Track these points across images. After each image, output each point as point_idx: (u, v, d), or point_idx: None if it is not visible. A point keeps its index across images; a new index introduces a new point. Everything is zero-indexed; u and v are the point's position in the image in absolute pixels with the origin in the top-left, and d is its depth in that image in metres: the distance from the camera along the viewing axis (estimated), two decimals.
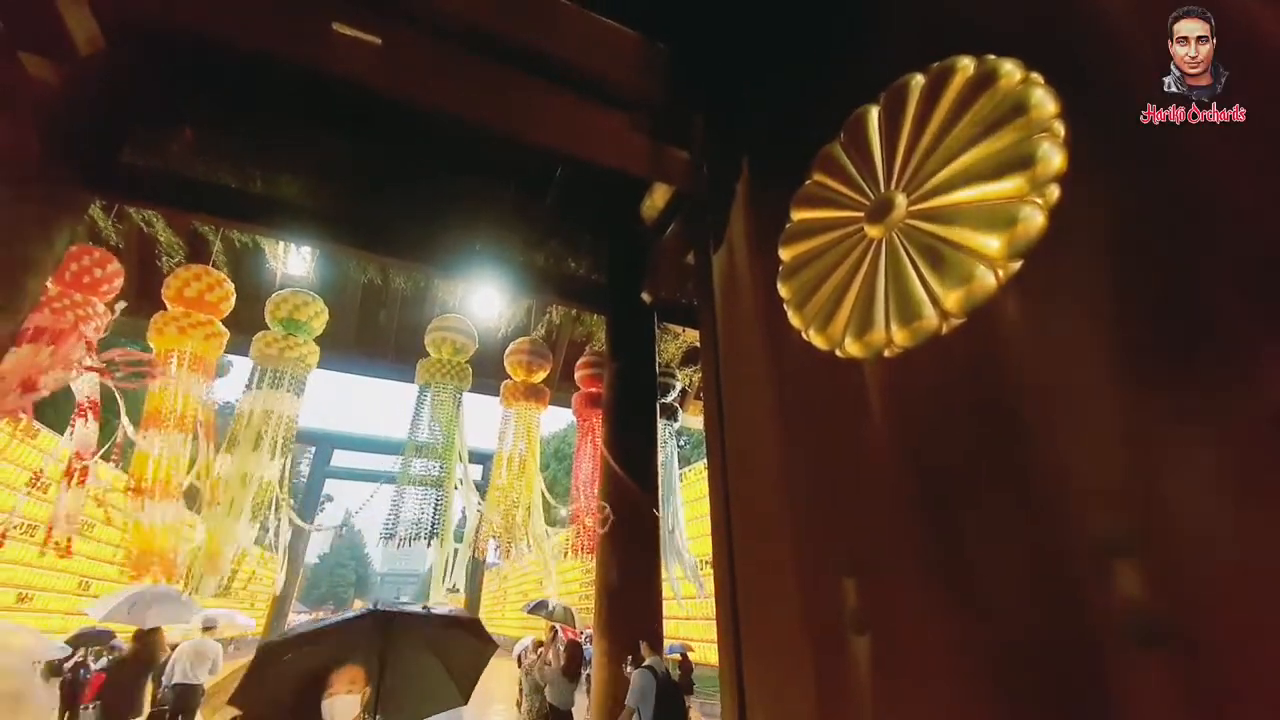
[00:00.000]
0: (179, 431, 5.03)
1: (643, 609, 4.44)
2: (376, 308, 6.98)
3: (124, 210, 5.44)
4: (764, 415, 2.12)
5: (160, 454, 4.85)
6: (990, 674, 1.26)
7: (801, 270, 2.10)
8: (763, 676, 1.81)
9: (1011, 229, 1.41)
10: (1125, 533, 1.11)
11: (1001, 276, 1.42)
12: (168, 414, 4.97)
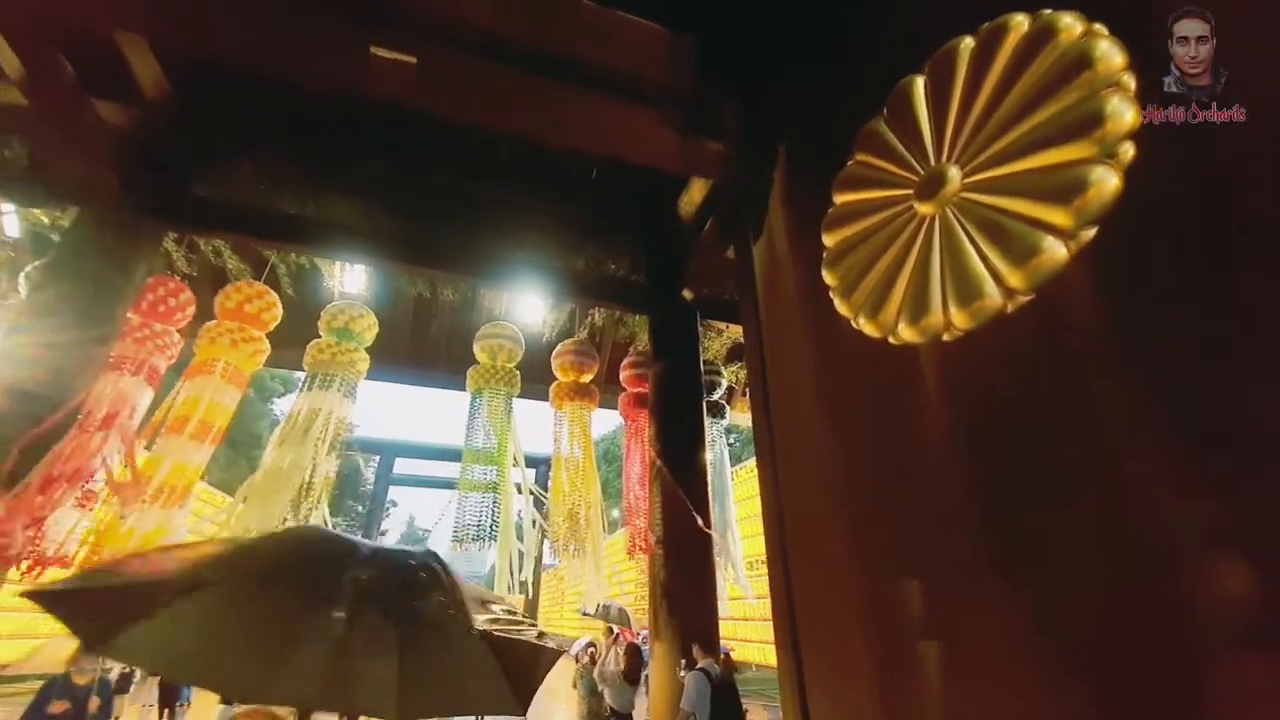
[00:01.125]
0: (198, 440, 5.16)
1: (697, 610, 4.39)
2: (428, 319, 7.22)
3: (194, 240, 5.82)
4: (813, 409, 2.04)
5: (176, 459, 4.98)
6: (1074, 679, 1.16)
7: (847, 255, 2.01)
8: (824, 678, 1.73)
9: (1082, 195, 1.29)
10: (1223, 525, 0.99)
11: (1073, 247, 1.30)
12: (191, 420, 5.11)
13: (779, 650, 1.92)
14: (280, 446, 5.25)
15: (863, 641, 1.64)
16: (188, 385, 5.26)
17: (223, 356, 5.39)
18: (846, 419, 1.94)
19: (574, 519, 5.68)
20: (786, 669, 1.85)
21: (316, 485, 5.24)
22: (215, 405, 5.32)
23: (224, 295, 5.55)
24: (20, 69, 3.97)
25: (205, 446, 5.26)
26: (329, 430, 5.44)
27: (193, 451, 5.14)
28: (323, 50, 3.17)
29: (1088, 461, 1.20)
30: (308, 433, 5.32)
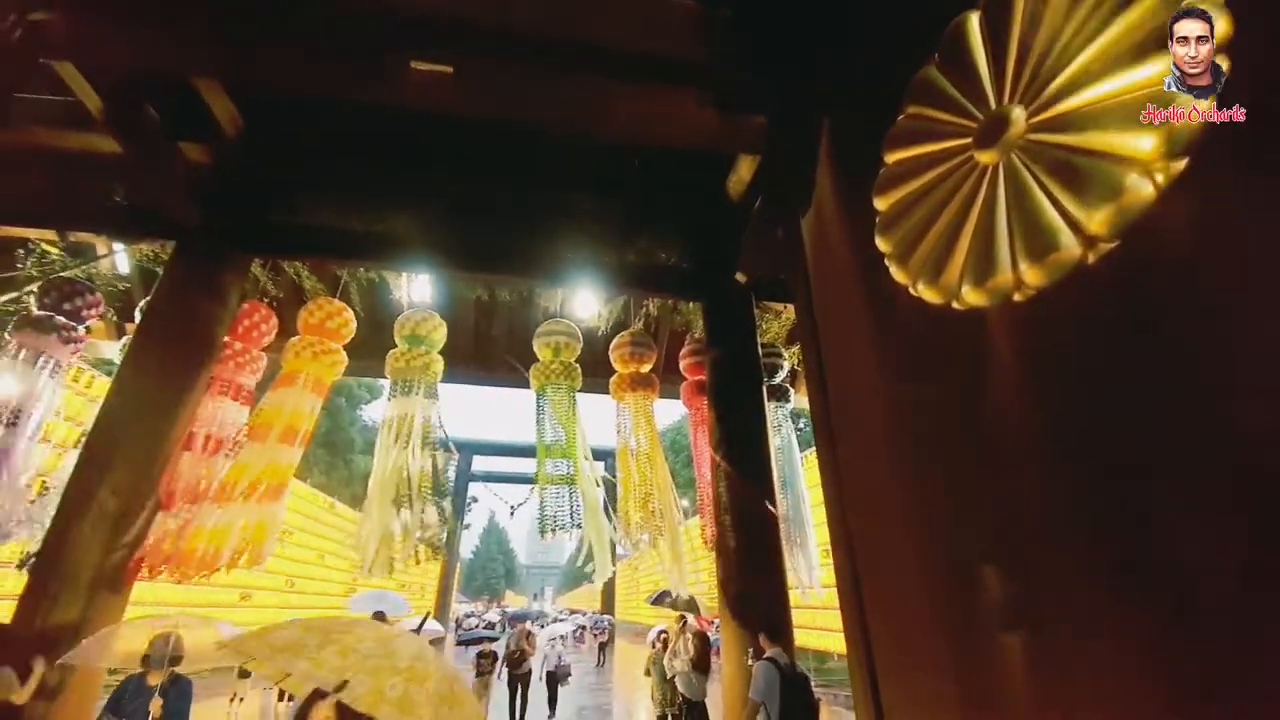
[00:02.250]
0: (286, 443, 5.60)
1: (766, 598, 4.29)
2: (488, 321, 7.48)
3: (278, 263, 6.30)
4: (872, 386, 1.91)
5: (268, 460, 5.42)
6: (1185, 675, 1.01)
7: (902, 219, 1.86)
8: (897, 667, 1.63)
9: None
10: None
11: (1161, 181, 1.13)
12: (277, 426, 5.55)
13: (848, 640, 1.83)
14: (383, 453, 5.64)
15: (937, 630, 1.52)
16: (274, 395, 5.75)
17: (306, 369, 5.84)
18: (909, 394, 1.81)
19: (644, 509, 5.71)
20: (856, 659, 1.75)
21: (420, 483, 5.60)
22: (298, 412, 5.78)
23: (306, 312, 6.00)
24: (113, 119, 4.42)
25: (294, 448, 5.75)
26: (421, 431, 5.79)
27: (282, 453, 5.63)
28: (367, 70, 3.31)
29: (1201, 431, 1.04)
30: (401, 437, 5.69)
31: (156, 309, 5.02)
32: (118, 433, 4.41)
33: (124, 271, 6.13)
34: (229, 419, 5.49)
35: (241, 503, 5.14)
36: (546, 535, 5.65)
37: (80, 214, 5.31)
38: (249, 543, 5.19)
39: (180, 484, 5.00)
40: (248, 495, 5.18)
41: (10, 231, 5.30)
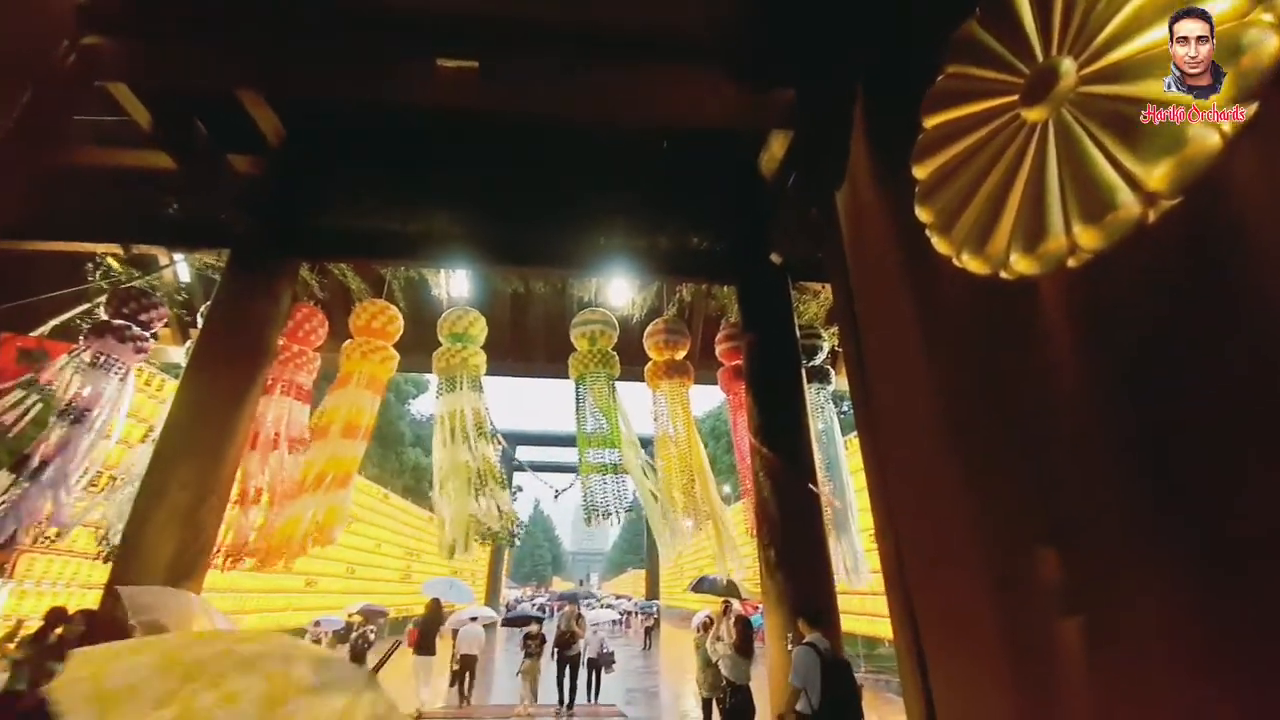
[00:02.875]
0: (349, 438, 5.97)
1: (809, 584, 4.23)
2: (524, 315, 7.58)
3: (324, 267, 6.55)
4: (914, 364, 1.83)
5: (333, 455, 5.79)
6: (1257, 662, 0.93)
7: (943, 186, 1.77)
8: (946, 653, 1.57)
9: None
10: None
11: (1228, 130, 1.03)
12: (350, 426, 5.94)
13: (895, 625, 1.78)
14: (443, 449, 5.87)
15: (989, 614, 1.46)
16: (333, 395, 6.08)
17: (360, 368, 6.13)
18: (955, 371, 1.73)
19: (685, 495, 5.72)
20: (904, 644, 1.71)
21: (485, 471, 5.80)
22: (356, 408, 6.10)
23: (356, 314, 6.26)
24: (165, 135, 4.66)
25: (356, 442, 6.07)
26: (474, 424, 5.99)
27: (345, 447, 5.95)
28: (394, 71, 3.37)
29: (1271, 398, 0.95)
30: (456, 431, 5.90)
31: (215, 314, 5.30)
32: (186, 431, 4.70)
33: (185, 280, 6.49)
34: (293, 417, 5.83)
35: (311, 494, 5.50)
36: (591, 522, 5.74)
37: (141, 227, 5.64)
38: (320, 527, 5.58)
39: (260, 480, 5.37)
40: (315, 487, 5.53)
41: (78, 247, 5.67)
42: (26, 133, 2.77)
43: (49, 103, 2.90)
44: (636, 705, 8.69)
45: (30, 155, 2.89)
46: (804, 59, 2.71)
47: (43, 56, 2.74)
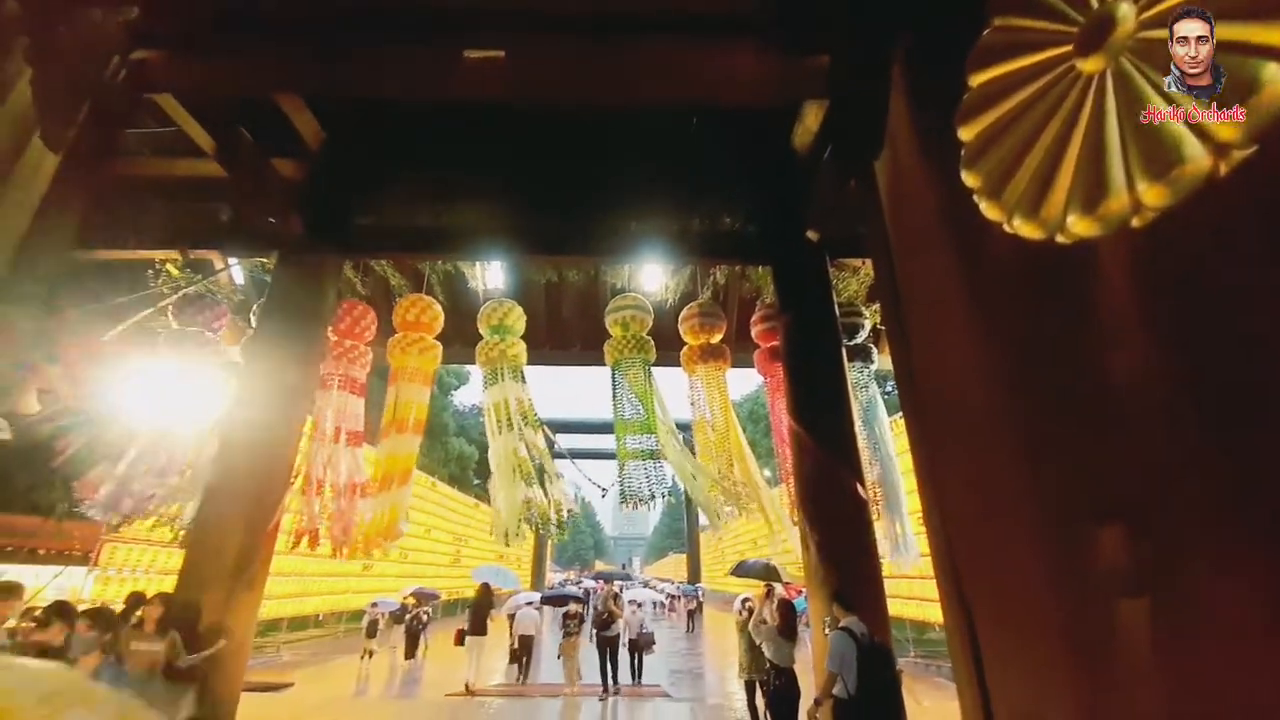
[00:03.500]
0: (413, 433, 6.22)
1: (851, 567, 4.15)
2: (559, 304, 7.64)
3: (366, 264, 6.76)
4: (962, 339, 1.75)
5: (395, 453, 6.07)
6: None
7: (992, 147, 1.67)
8: (1000, 636, 1.51)
9: None
10: None
11: None
12: (401, 421, 6.18)
13: (945, 608, 1.73)
14: (495, 440, 6.05)
15: (1047, 598, 1.40)
16: (391, 391, 6.32)
17: (407, 363, 6.34)
18: (1007, 345, 1.65)
19: (724, 480, 5.69)
20: (955, 628, 1.65)
21: (538, 460, 5.96)
22: (408, 403, 6.34)
23: (399, 309, 6.45)
24: (213, 144, 4.86)
25: (411, 436, 6.32)
26: (520, 413, 6.14)
27: (401, 443, 6.20)
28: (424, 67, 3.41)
29: None
30: (504, 421, 6.06)
31: (268, 313, 5.55)
32: (247, 424, 4.95)
33: (240, 282, 6.81)
34: (350, 410, 6.09)
35: (386, 491, 5.80)
36: (629, 508, 5.80)
37: (197, 234, 5.93)
38: (387, 523, 5.90)
39: (321, 470, 5.65)
40: (386, 485, 5.83)
41: (140, 255, 6.01)
42: (86, 147, 2.92)
43: (104, 117, 3.05)
44: (680, 686, 8.78)
45: (91, 168, 3.05)
46: (838, 22, 2.60)
47: (96, 73, 2.89)
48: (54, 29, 2.84)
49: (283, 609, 11.30)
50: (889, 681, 3.08)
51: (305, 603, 12.27)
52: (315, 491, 5.62)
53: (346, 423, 6.04)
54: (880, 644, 3.25)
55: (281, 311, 5.50)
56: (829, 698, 3.13)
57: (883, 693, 3.01)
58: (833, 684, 3.10)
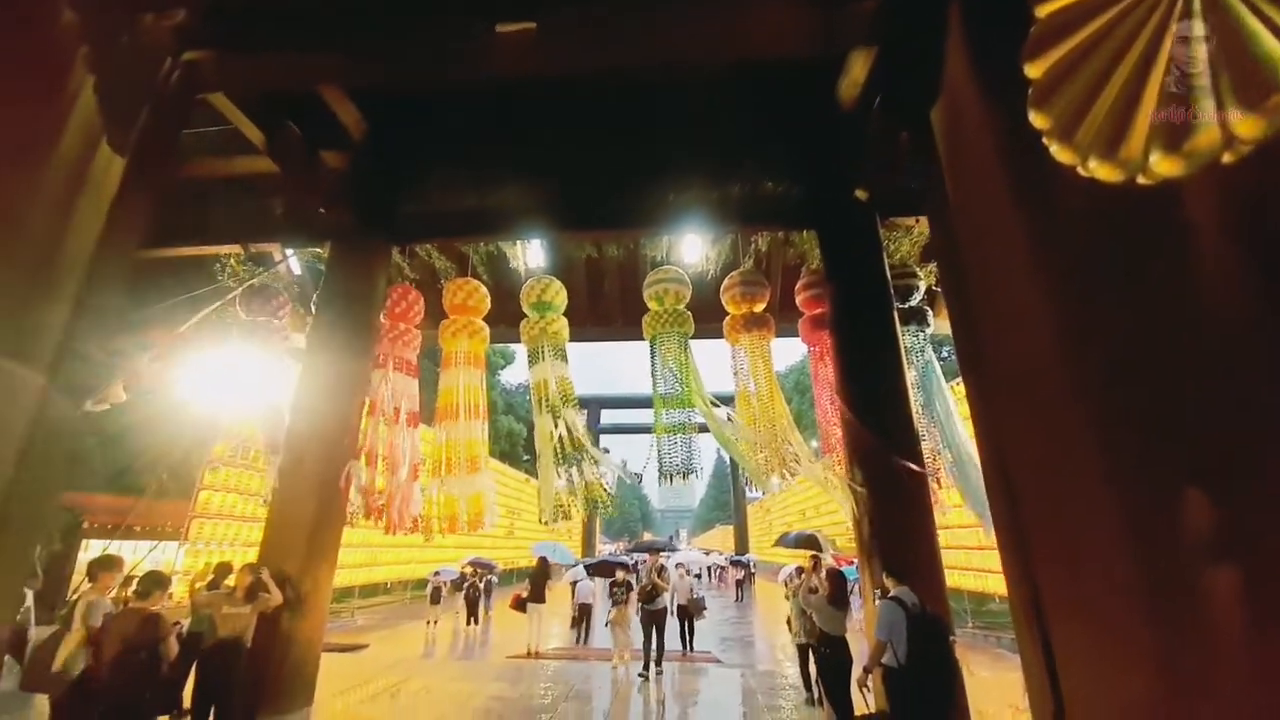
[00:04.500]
0: (474, 419, 6.38)
1: (904, 537, 4.05)
2: (599, 279, 7.64)
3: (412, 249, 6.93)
4: (1031, 294, 1.63)
5: (455, 438, 6.26)
6: None
7: (1063, 84, 1.53)
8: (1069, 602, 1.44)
9: None
10: None
11: None
12: (457, 406, 6.35)
13: (1009, 577, 1.66)
14: (538, 418, 6.20)
15: (1121, 568, 1.32)
16: (444, 377, 6.54)
17: (459, 347, 6.52)
18: (1080, 298, 1.53)
19: (768, 451, 5.62)
20: (1020, 601, 1.59)
21: (575, 438, 6.11)
22: (470, 387, 6.54)
23: (448, 292, 6.61)
24: (264, 140, 5.04)
25: (476, 424, 6.50)
26: (560, 393, 6.26)
27: (467, 430, 6.41)
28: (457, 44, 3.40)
29: None
30: (545, 400, 6.20)
31: (324, 301, 5.81)
32: (312, 406, 5.24)
33: (298, 273, 7.13)
34: (407, 390, 6.34)
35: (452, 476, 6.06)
36: (666, 482, 5.84)
37: (255, 228, 6.21)
38: (475, 510, 6.20)
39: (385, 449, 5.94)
40: (450, 470, 6.09)
41: (204, 251, 6.35)
42: (148, 149, 3.07)
43: (162, 119, 3.19)
44: (731, 653, 8.91)
45: (153, 169, 3.21)
46: None
47: (152, 77, 3.02)
48: (111, 37, 2.98)
49: (355, 577, 12.08)
50: (941, 651, 3.02)
51: (375, 571, 13.07)
52: (380, 470, 5.90)
53: (405, 403, 6.29)
54: (932, 614, 3.17)
55: (337, 298, 5.74)
56: (878, 666, 3.10)
57: (935, 662, 2.95)
58: (882, 653, 3.06)
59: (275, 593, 3.95)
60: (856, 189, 4.63)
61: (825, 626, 4.10)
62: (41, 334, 2.48)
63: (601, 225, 5.94)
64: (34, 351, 2.40)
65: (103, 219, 2.80)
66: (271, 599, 3.90)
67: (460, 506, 6.13)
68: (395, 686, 5.69)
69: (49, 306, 2.50)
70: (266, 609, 3.87)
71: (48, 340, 2.52)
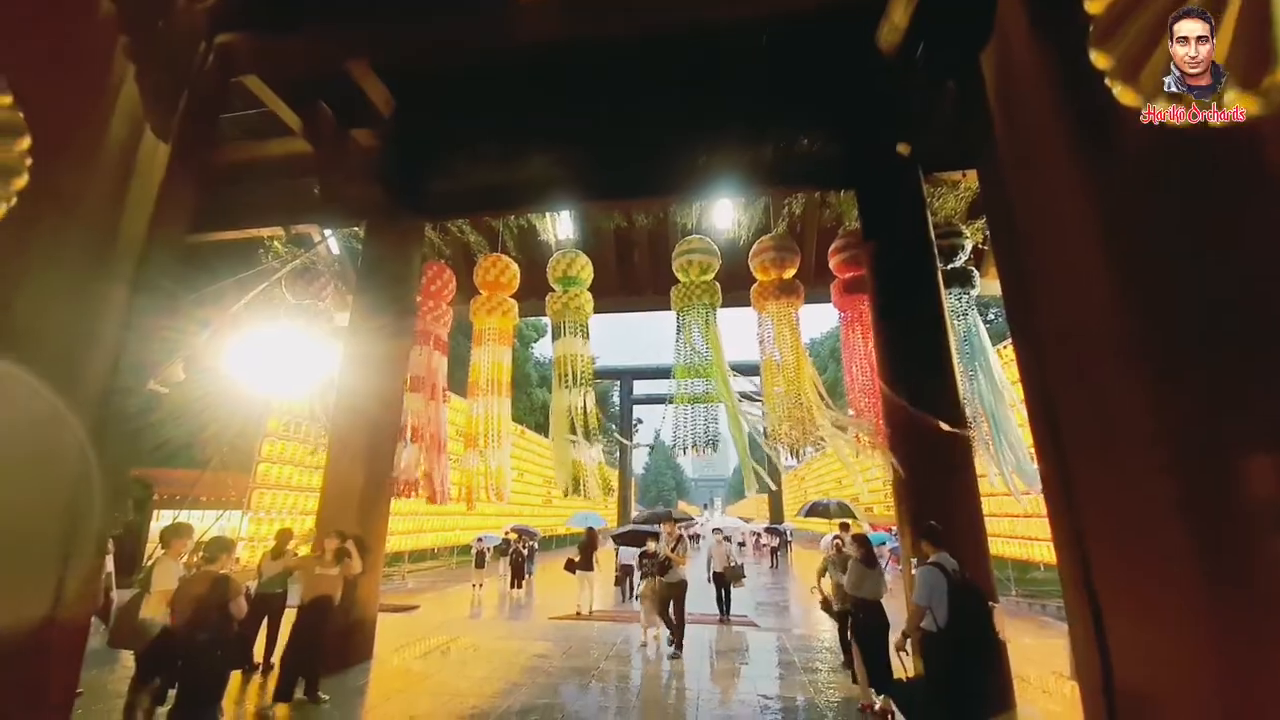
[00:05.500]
0: (503, 396, 6.56)
1: (950, 504, 3.96)
2: (629, 250, 7.58)
3: (444, 226, 7.00)
4: (1089, 248, 1.53)
5: (484, 413, 6.45)
6: None
7: (1126, 20, 1.40)
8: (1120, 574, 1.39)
9: None
10: None
11: None
12: (491, 383, 6.51)
13: (1057, 543, 1.61)
14: (556, 392, 6.30)
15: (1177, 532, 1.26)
16: (476, 352, 6.68)
17: (490, 324, 6.64)
18: (1143, 251, 1.43)
19: (796, 420, 5.55)
20: (1069, 564, 1.54)
21: (587, 414, 6.23)
22: (498, 365, 6.68)
23: (480, 269, 6.69)
24: (299, 121, 5.11)
25: (505, 401, 6.68)
26: (580, 369, 6.34)
27: (497, 406, 6.59)
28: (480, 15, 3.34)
29: None
30: (568, 376, 6.29)
31: (362, 279, 5.95)
32: (355, 382, 5.43)
33: (336, 253, 7.31)
34: (440, 366, 6.53)
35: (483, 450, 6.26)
36: (686, 452, 5.89)
37: (294, 210, 6.36)
38: (497, 484, 6.49)
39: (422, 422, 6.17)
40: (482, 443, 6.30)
41: (248, 234, 6.56)
42: (189, 134, 3.16)
43: (202, 103, 3.27)
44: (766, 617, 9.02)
45: (196, 153, 3.30)
46: None
47: (189, 61, 3.07)
48: (148, 24, 3.04)
49: (404, 543, 12.69)
50: (981, 616, 2.96)
51: (422, 538, 13.71)
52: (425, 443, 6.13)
53: (439, 379, 6.48)
54: (971, 580, 3.15)
55: (374, 277, 5.87)
56: (916, 631, 3.08)
57: (975, 626, 2.91)
58: (920, 618, 3.05)
59: (358, 560, 4.19)
60: (898, 144, 4.41)
61: (857, 591, 4.10)
62: (105, 315, 2.63)
63: (631, 194, 5.86)
64: (100, 333, 2.55)
65: (152, 203, 2.91)
66: (354, 564, 4.14)
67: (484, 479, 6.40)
68: (446, 645, 6.02)
69: (108, 288, 2.64)
70: (350, 573, 4.12)
71: (111, 321, 2.67)
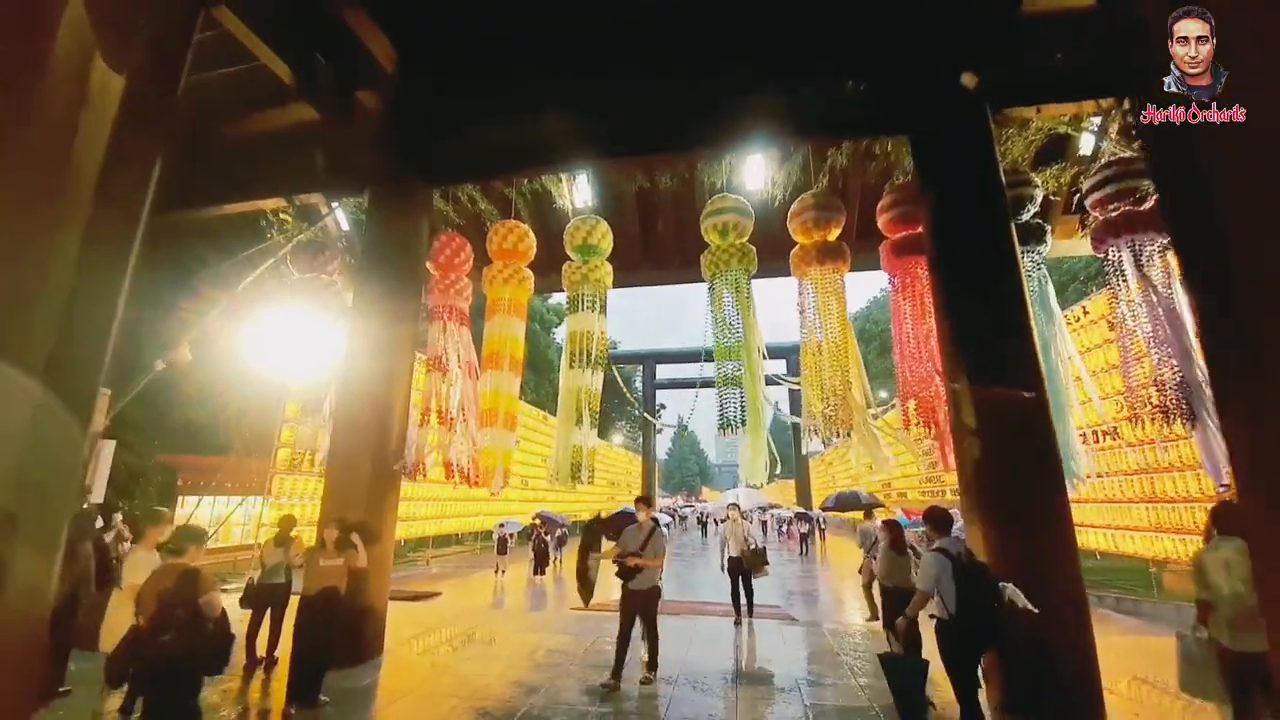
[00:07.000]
0: (512, 372, 6.14)
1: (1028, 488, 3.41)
2: (652, 214, 7.03)
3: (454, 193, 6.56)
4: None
5: (493, 388, 6.03)
6: None
7: None
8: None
9: None
10: None
11: None
12: (500, 356, 6.09)
13: None
14: (567, 373, 5.88)
15: None
16: (489, 324, 6.26)
17: (504, 294, 6.21)
18: None
19: (833, 401, 4.99)
20: None
21: (593, 398, 5.79)
22: (508, 337, 6.24)
23: (494, 237, 6.24)
24: (290, 72, 4.69)
25: (514, 377, 6.26)
26: (595, 349, 5.88)
27: (505, 381, 6.16)
28: None
29: None
30: (580, 354, 5.83)
31: (367, 250, 5.57)
32: (361, 361, 5.06)
33: (344, 226, 6.95)
34: (465, 341, 6.12)
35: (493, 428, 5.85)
36: (726, 434, 5.37)
37: (298, 181, 5.99)
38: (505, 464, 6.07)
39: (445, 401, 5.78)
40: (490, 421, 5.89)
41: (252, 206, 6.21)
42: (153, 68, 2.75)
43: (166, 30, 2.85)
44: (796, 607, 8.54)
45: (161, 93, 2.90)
46: None
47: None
48: None
49: (427, 529, 12.55)
50: (989, 599, 2.85)
51: (445, 523, 13.57)
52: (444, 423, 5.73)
53: (462, 352, 6.06)
54: (979, 563, 3.02)
55: (379, 247, 5.47)
56: (913, 618, 3.06)
57: (982, 611, 2.83)
58: (922, 604, 3.01)
59: (363, 552, 3.88)
60: (963, 73, 3.78)
61: (889, 579, 3.92)
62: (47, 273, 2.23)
63: (653, 150, 5.30)
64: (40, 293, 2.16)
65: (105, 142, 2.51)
66: (359, 556, 3.83)
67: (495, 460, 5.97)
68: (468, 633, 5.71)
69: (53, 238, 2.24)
70: (354, 565, 3.81)
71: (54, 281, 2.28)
